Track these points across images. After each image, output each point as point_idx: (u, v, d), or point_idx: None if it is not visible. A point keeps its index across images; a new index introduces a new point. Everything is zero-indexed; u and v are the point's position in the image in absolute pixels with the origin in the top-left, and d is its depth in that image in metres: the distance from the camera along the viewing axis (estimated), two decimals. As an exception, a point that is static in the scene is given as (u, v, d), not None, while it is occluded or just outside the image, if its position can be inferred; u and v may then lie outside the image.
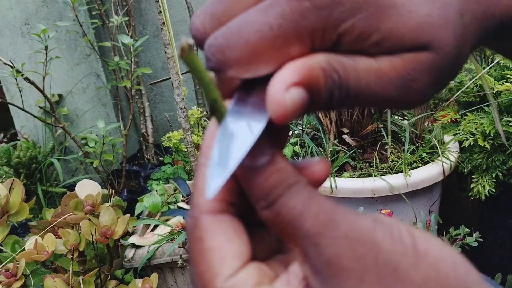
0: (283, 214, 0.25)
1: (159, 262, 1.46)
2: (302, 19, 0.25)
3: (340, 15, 0.24)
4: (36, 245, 1.18)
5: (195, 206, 0.28)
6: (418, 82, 0.26)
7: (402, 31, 0.25)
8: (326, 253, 0.23)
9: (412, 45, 0.25)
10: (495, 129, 1.38)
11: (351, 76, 0.26)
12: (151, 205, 1.65)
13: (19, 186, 1.30)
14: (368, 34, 0.25)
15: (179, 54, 0.24)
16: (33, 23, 2.17)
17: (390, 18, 0.24)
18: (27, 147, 1.94)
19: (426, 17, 0.25)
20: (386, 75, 0.26)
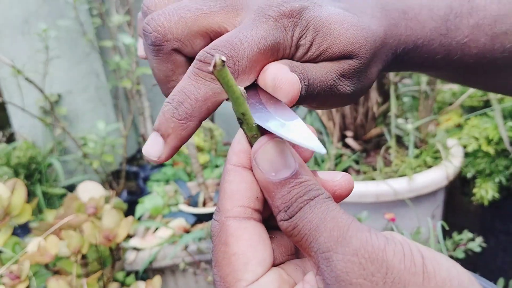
0: (300, 227, 0.26)
1: (161, 265, 1.45)
2: (280, 35, 0.33)
3: (299, 35, 0.34)
4: (39, 247, 1.17)
5: (221, 211, 0.29)
6: (343, 79, 0.36)
7: (334, 49, 0.35)
8: (336, 268, 0.24)
9: (340, 57, 0.36)
10: (498, 134, 1.38)
11: (307, 69, 0.34)
12: (152, 208, 1.64)
13: (22, 187, 1.29)
14: (312, 50, 0.35)
15: (211, 70, 0.25)
16: (33, 22, 2.15)
17: (327, 39, 0.35)
18: (26, 147, 1.93)
19: (351, 38, 0.35)
20: (325, 69, 0.36)
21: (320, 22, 0.34)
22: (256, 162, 0.29)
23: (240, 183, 0.29)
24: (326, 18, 0.35)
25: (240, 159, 0.30)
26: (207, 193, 1.67)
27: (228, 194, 0.29)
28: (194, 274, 1.44)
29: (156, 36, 0.34)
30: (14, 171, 1.89)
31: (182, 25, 0.34)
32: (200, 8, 0.34)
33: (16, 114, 2.20)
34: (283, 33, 0.33)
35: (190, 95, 0.31)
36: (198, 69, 0.32)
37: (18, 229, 1.81)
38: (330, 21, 0.35)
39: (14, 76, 1.72)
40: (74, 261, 1.23)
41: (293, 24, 0.34)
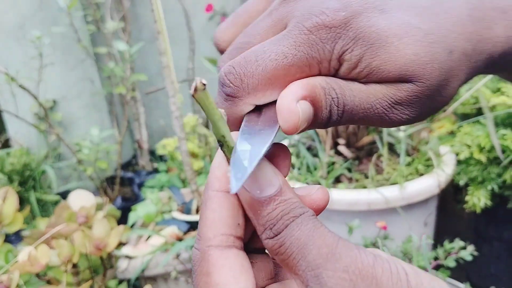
0: (287, 244, 0.26)
1: (153, 273, 1.45)
2: (312, 50, 0.29)
3: (342, 48, 0.29)
4: (30, 257, 1.17)
5: (202, 239, 0.28)
6: (399, 107, 0.31)
7: (388, 68, 0.29)
8: (327, 285, 0.24)
9: (396, 79, 0.30)
10: (490, 142, 1.38)
11: (347, 93, 0.30)
12: (145, 215, 1.64)
13: (13, 195, 1.29)
14: (361, 67, 0.30)
15: (192, 93, 0.26)
16: (27, 28, 2.15)
17: (380, 55, 0.29)
18: (20, 154, 1.93)
19: (412, 55, 0.29)
20: (374, 96, 0.30)
21: (374, 34, 0.29)
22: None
23: (222, 210, 0.29)
24: (382, 29, 0.29)
25: (222, 184, 0.29)
26: (200, 200, 1.67)
27: (210, 222, 0.28)
28: (186, 282, 1.44)
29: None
30: (8, 178, 1.89)
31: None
32: (251, 41, 0.33)
33: (11, 120, 2.21)
34: (317, 46, 0.29)
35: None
36: (219, 88, 0.32)
37: (11, 236, 1.81)
38: (388, 33, 0.29)
39: (8, 83, 1.72)
40: (64, 270, 1.22)
41: (335, 36, 0.29)
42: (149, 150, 2.44)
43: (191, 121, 2.04)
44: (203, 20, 2.49)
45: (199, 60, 2.29)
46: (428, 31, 0.29)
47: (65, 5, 1.94)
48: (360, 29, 0.29)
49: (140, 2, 2.52)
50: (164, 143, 2.04)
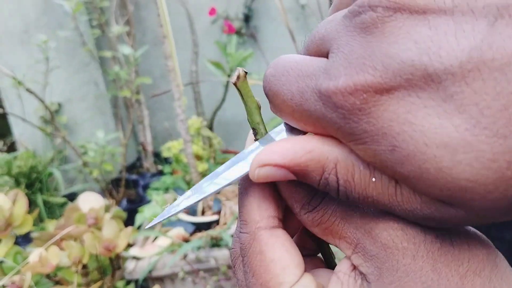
0: (329, 212, 0.28)
1: (160, 274, 1.47)
2: (323, 117, 0.23)
3: (353, 136, 0.22)
4: (40, 258, 1.19)
5: (249, 223, 0.30)
6: (430, 222, 0.24)
7: (425, 189, 0.21)
8: (382, 237, 0.25)
9: (437, 198, 0.22)
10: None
11: (359, 190, 0.24)
12: (151, 216, 1.66)
13: (23, 198, 1.31)
14: (380, 168, 0.23)
15: (233, 81, 0.27)
16: (33, 32, 2.18)
17: (411, 167, 0.21)
18: (27, 157, 1.95)
19: (463, 181, 0.20)
20: (400, 207, 0.24)
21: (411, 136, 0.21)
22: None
23: (264, 194, 0.31)
24: (421, 125, 0.20)
25: None
26: (206, 202, 1.69)
27: (255, 206, 0.30)
28: (193, 282, 1.46)
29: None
30: (15, 180, 1.92)
31: None
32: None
33: (17, 123, 2.23)
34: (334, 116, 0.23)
35: None
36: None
37: (19, 238, 1.83)
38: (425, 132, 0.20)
39: (15, 87, 1.74)
40: (75, 271, 1.25)
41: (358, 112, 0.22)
42: (153, 152, 2.46)
43: (195, 124, 2.06)
44: (206, 23, 2.51)
45: (203, 63, 2.32)
46: (481, 132, 0.19)
47: (70, 9, 1.96)
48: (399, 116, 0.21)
49: (144, 6, 2.55)
50: (169, 146, 2.06)
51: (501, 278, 0.25)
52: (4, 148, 2.43)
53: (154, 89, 2.50)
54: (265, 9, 2.45)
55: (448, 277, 0.25)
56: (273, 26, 2.46)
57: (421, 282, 0.24)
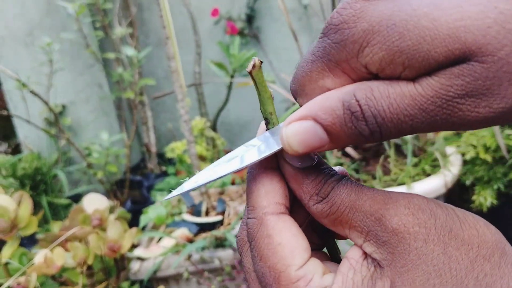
0: (338, 203, 0.29)
1: (165, 275, 1.47)
2: (326, 53, 0.26)
3: (355, 46, 0.24)
4: (46, 259, 1.20)
5: (257, 208, 0.31)
6: (469, 101, 0.22)
7: (427, 47, 0.22)
8: (392, 222, 0.26)
9: (445, 60, 0.22)
10: (496, 142, 1.40)
11: (381, 102, 0.24)
12: (156, 217, 1.66)
13: (28, 200, 1.31)
14: (389, 58, 0.23)
15: (249, 70, 0.29)
16: (37, 34, 2.18)
17: (409, 34, 0.22)
18: (32, 159, 1.96)
19: (456, 22, 0.21)
20: (423, 97, 0.23)
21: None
22: (282, 156, 0.31)
23: (273, 182, 0.32)
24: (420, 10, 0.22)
25: (268, 161, 0.32)
26: (210, 203, 1.70)
27: (263, 192, 0.31)
28: (198, 283, 1.46)
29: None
30: (20, 182, 1.92)
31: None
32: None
33: (22, 125, 2.24)
34: (333, 48, 0.26)
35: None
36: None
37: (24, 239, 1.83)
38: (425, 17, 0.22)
39: (19, 89, 1.75)
40: (80, 272, 1.25)
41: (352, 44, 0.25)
42: (157, 153, 2.47)
43: (199, 125, 2.07)
44: (209, 24, 2.51)
45: (206, 64, 2.32)
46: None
47: (74, 11, 1.97)
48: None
49: (147, 7, 2.55)
50: (172, 147, 2.07)
51: (510, 265, 0.26)
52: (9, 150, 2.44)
53: (158, 90, 2.50)
54: (267, 10, 2.45)
55: (459, 261, 0.26)
56: (276, 27, 2.46)
57: (433, 265, 0.26)
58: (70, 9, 1.96)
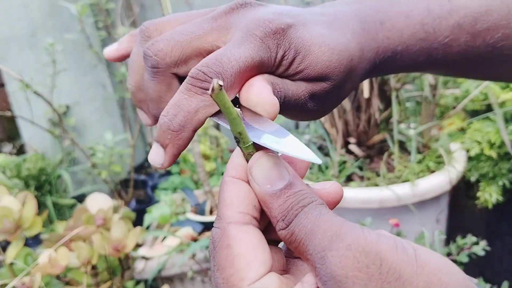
0: (297, 232, 0.28)
1: (169, 274, 1.48)
2: (265, 54, 0.35)
3: (282, 55, 0.36)
4: (50, 259, 1.20)
5: (222, 218, 0.31)
6: (314, 99, 0.38)
7: (309, 71, 0.37)
8: (331, 264, 0.25)
9: (315, 79, 0.37)
10: (500, 137, 1.40)
11: (284, 87, 0.36)
12: (160, 217, 1.66)
13: (32, 200, 1.32)
14: (291, 69, 0.37)
15: (209, 93, 0.28)
16: (40, 35, 2.19)
17: (304, 61, 0.36)
18: (36, 159, 1.96)
19: (327, 62, 0.37)
20: (300, 90, 0.37)
21: (301, 44, 0.36)
22: (252, 176, 0.31)
23: (238, 192, 0.31)
24: (307, 39, 0.36)
25: (238, 172, 0.32)
26: (214, 201, 1.70)
27: (228, 202, 0.31)
28: (202, 282, 1.46)
29: (155, 59, 0.37)
30: (24, 183, 1.93)
31: (178, 49, 0.37)
32: (194, 30, 0.37)
33: (26, 126, 2.24)
34: (267, 53, 0.35)
35: (183, 107, 0.34)
36: (190, 85, 0.34)
37: (29, 240, 1.84)
38: (310, 43, 0.36)
39: (23, 90, 1.75)
40: (84, 271, 1.25)
41: (277, 44, 0.36)
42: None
43: (202, 124, 2.06)
44: (212, 23, 2.51)
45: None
46: (337, 42, 0.38)
47: (76, 12, 1.97)
48: (292, 39, 0.36)
49: (150, 7, 2.56)
50: (176, 146, 2.06)
51: None
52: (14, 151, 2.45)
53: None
54: (270, 8, 2.44)
55: None
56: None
57: None
58: (72, 10, 1.96)
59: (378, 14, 0.42)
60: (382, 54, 0.41)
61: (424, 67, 0.46)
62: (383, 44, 0.41)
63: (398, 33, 0.42)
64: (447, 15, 0.42)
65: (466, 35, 0.43)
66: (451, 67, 0.47)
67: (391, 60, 0.42)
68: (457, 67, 0.47)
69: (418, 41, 0.42)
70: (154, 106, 0.39)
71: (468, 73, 0.51)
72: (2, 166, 1.92)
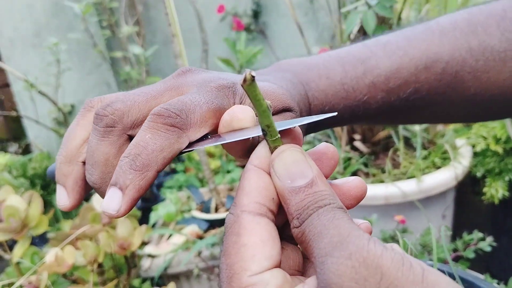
0: (307, 233, 0.27)
1: (175, 271, 1.48)
2: (223, 101, 0.37)
3: (239, 99, 0.38)
4: (56, 258, 1.21)
5: (237, 205, 0.30)
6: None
7: (275, 104, 0.39)
8: (329, 271, 0.24)
9: (282, 109, 0.39)
10: (506, 133, 1.39)
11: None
12: (165, 215, 1.67)
13: (38, 199, 1.32)
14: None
15: (241, 83, 0.27)
16: (44, 35, 2.20)
17: (268, 99, 0.39)
18: (41, 159, 1.97)
19: (283, 96, 0.40)
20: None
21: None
22: (273, 169, 0.30)
23: (258, 181, 0.30)
24: (260, 86, 0.38)
25: (262, 162, 0.31)
26: (219, 199, 1.70)
27: (246, 190, 0.30)
28: (208, 279, 1.46)
29: (112, 118, 0.35)
30: (30, 182, 1.94)
31: (135, 108, 0.36)
32: (148, 92, 0.38)
33: (31, 125, 2.25)
34: (225, 100, 0.37)
35: (147, 146, 0.33)
36: (153, 122, 0.33)
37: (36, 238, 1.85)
38: (265, 89, 0.39)
39: (28, 90, 1.76)
40: (90, 270, 1.26)
41: (232, 92, 0.38)
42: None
43: (207, 121, 2.06)
44: (215, 21, 2.51)
45: (213, 61, 2.32)
46: (286, 89, 0.42)
47: (80, 11, 1.98)
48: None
49: (153, 6, 2.56)
50: (181, 144, 2.06)
51: None
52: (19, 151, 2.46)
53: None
54: (273, 5, 2.44)
55: None
56: (282, 22, 2.45)
57: None
58: (76, 9, 1.97)
59: (304, 76, 0.47)
60: (314, 113, 0.46)
61: (348, 121, 0.51)
62: (313, 103, 0.46)
63: (323, 93, 0.47)
64: (362, 76, 0.47)
65: (381, 93, 0.48)
66: (373, 120, 0.53)
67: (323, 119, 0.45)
68: (379, 119, 0.53)
69: (341, 99, 0.47)
70: (97, 170, 0.37)
71: (391, 122, 0.57)
72: (8, 165, 1.93)
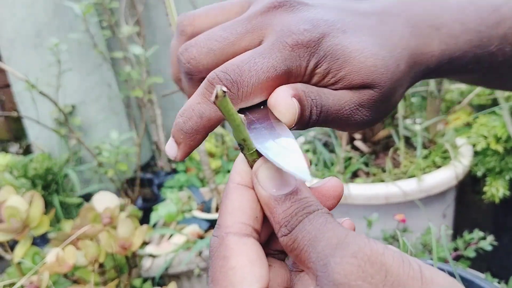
0: (299, 239, 0.27)
1: (176, 271, 1.48)
2: (293, 64, 0.35)
3: (314, 65, 0.35)
4: (57, 258, 1.21)
5: (221, 227, 0.30)
6: (361, 109, 0.37)
7: (353, 77, 0.35)
8: (334, 271, 0.24)
9: (359, 85, 0.36)
10: (507, 132, 1.39)
11: (321, 97, 0.35)
12: (166, 215, 1.67)
13: (39, 199, 1.32)
14: (329, 77, 0.36)
15: (213, 100, 0.27)
16: (44, 35, 2.20)
17: (345, 67, 0.35)
18: (42, 159, 1.97)
19: (372, 67, 0.35)
20: (343, 100, 0.36)
21: (339, 51, 0.35)
22: (257, 180, 0.30)
23: (241, 201, 0.30)
24: (346, 46, 0.35)
25: (243, 178, 0.31)
26: (220, 199, 1.70)
27: (229, 211, 0.30)
28: (209, 279, 1.46)
29: (188, 67, 0.38)
30: (31, 183, 1.94)
31: (211, 57, 0.37)
32: (227, 36, 0.37)
33: (32, 126, 2.25)
34: (297, 62, 0.35)
35: (196, 113, 0.35)
36: (205, 89, 0.34)
37: (37, 239, 1.85)
38: (351, 49, 0.35)
39: (29, 90, 1.76)
40: (91, 270, 1.26)
41: (310, 54, 0.35)
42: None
43: (207, 121, 2.06)
44: (216, 21, 2.51)
45: (213, 61, 2.32)
46: (380, 48, 0.36)
47: (81, 11, 1.98)
48: (328, 48, 0.35)
49: (153, 6, 2.56)
50: (182, 144, 2.06)
51: None
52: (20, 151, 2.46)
53: (166, 88, 2.51)
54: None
55: None
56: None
57: None
58: (76, 9, 1.97)
59: (432, 19, 0.40)
60: (438, 60, 0.40)
61: (470, 73, 0.46)
62: (439, 49, 0.40)
63: (455, 40, 0.41)
64: (496, 25, 0.42)
65: (509, 46, 0.43)
66: (491, 77, 0.48)
67: (446, 67, 0.41)
68: (496, 77, 0.48)
69: (473, 48, 0.41)
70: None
71: (504, 85, 0.51)
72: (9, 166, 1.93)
